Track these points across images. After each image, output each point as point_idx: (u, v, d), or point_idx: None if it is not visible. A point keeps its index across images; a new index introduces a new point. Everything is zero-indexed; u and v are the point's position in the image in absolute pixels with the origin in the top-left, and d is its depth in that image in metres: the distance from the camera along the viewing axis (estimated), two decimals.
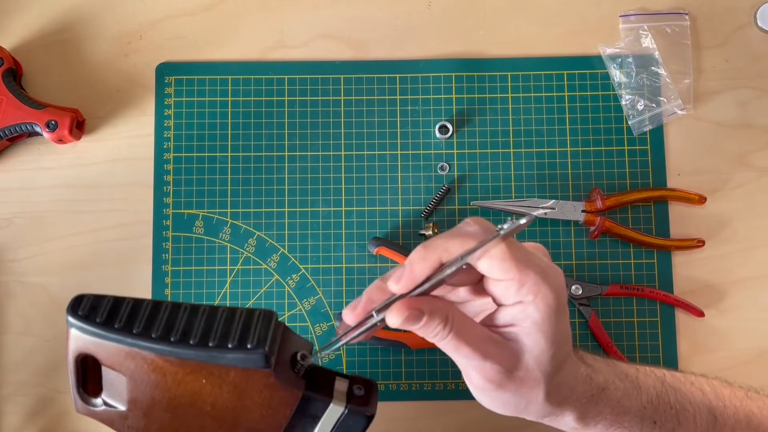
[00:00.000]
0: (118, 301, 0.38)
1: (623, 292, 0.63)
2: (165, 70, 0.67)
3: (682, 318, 0.63)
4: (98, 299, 0.38)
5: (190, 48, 0.68)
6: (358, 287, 0.64)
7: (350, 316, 0.40)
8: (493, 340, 0.39)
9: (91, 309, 0.38)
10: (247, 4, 0.68)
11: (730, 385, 0.49)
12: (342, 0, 0.68)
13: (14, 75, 0.65)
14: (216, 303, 0.64)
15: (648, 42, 0.66)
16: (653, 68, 0.66)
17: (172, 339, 0.37)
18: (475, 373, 0.39)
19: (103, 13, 0.68)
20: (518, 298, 0.38)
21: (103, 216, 0.65)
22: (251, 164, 0.66)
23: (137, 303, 0.38)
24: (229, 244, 0.65)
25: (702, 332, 0.63)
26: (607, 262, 0.64)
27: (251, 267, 0.65)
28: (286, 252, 0.65)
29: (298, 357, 0.40)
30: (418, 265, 0.37)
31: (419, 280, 0.38)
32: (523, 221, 0.35)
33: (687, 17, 0.67)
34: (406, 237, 0.65)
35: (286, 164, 0.66)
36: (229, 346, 0.37)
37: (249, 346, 0.37)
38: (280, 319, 0.40)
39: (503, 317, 0.39)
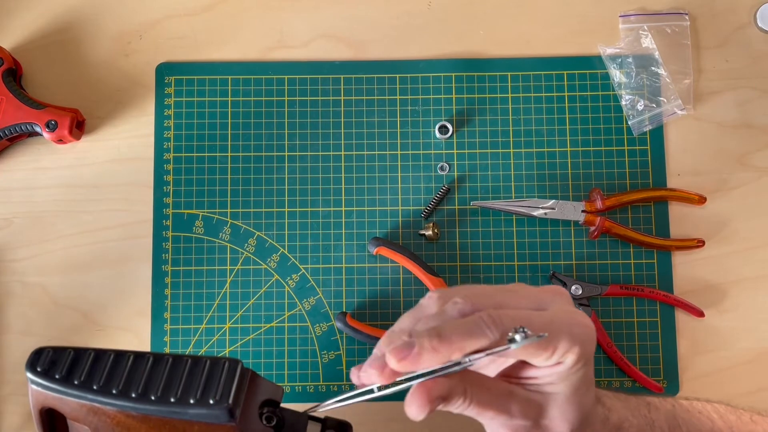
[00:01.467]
0: (78, 354, 0.37)
1: (623, 292, 0.63)
2: (165, 70, 0.67)
3: (682, 318, 0.63)
4: (58, 353, 0.37)
5: (190, 48, 0.68)
6: (358, 287, 0.64)
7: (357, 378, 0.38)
8: (515, 395, 0.38)
9: (50, 364, 0.37)
10: (247, 4, 0.68)
11: (734, 410, 0.48)
12: (342, 0, 0.68)
13: (14, 75, 0.65)
14: (216, 303, 0.64)
15: (648, 42, 0.66)
16: (653, 68, 0.66)
17: (132, 395, 0.36)
18: (503, 430, 0.38)
19: (103, 13, 0.68)
20: (547, 363, 0.36)
21: (103, 216, 0.65)
22: (251, 164, 0.66)
23: (99, 355, 0.38)
24: (229, 244, 0.65)
25: (702, 332, 0.63)
26: (607, 262, 0.64)
27: (251, 267, 0.65)
28: (286, 252, 0.65)
29: (265, 409, 0.39)
30: (426, 361, 0.34)
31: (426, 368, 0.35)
32: (535, 339, 0.33)
33: (687, 17, 0.67)
34: (406, 237, 0.65)
35: (286, 164, 0.66)
36: (191, 401, 0.36)
37: (211, 401, 0.36)
38: (253, 366, 0.39)
39: (526, 372, 0.38)
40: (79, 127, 0.65)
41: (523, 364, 0.38)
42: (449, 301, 0.37)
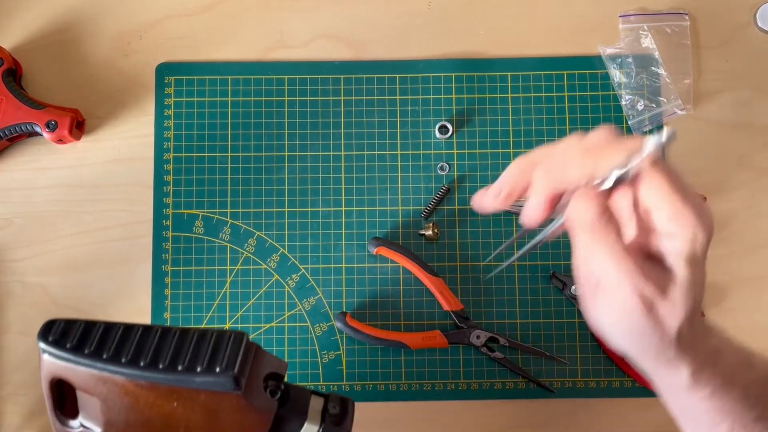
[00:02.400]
0: (89, 326, 0.39)
1: None
2: (165, 70, 0.67)
3: None
4: (69, 324, 0.38)
5: (190, 48, 0.68)
6: (358, 287, 0.64)
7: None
8: (652, 261, 0.38)
9: (62, 334, 0.38)
10: (247, 4, 0.68)
11: None
12: (342, 0, 0.68)
13: (14, 75, 0.65)
14: (216, 303, 0.64)
15: (648, 42, 0.66)
16: (653, 68, 0.66)
17: (141, 363, 0.37)
18: (632, 292, 0.37)
19: (103, 13, 0.68)
20: (673, 230, 0.38)
21: (103, 216, 0.65)
22: (251, 164, 0.66)
23: (108, 327, 0.39)
24: (229, 244, 0.65)
25: None
26: None
27: (251, 267, 0.65)
28: (286, 252, 0.65)
29: (270, 382, 0.40)
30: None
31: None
32: (665, 135, 0.35)
33: (687, 17, 0.67)
34: (406, 237, 0.65)
35: (286, 164, 0.66)
36: (198, 369, 0.37)
37: (218, 369, 0.37)
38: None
39: (655, 244, 0.38)
40: (79, 127, 0.65)
41: (652, 236, 0.39)
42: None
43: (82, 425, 0.41)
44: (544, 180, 0.40)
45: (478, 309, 0.64)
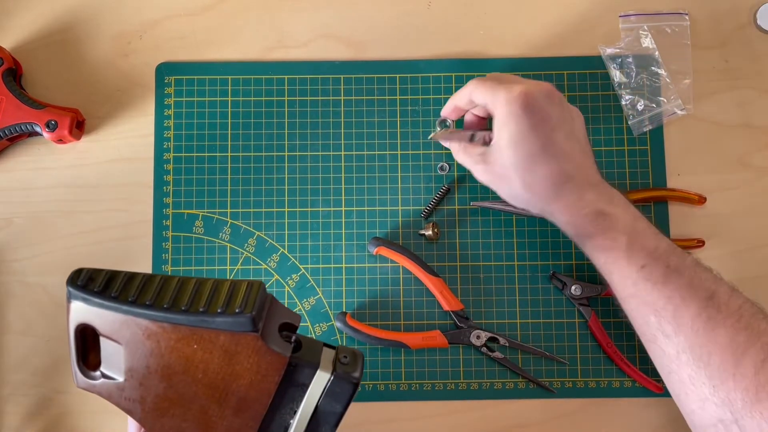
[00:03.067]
0: (114, 274, 0.41)
1: None
2: (165, 70, 0.67)
3: None
4: (96, 272, 0.40)
5: (190, 48, 0.68)
6: (358, 287, 0.64)
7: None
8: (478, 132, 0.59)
9: (89, 280, 0.40)
10: (247, 4, 0.68)
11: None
12: (342, 0, 0.68)
13: (14, 75, 0.65)
14: None
15: (648, 42, 0.66)
16: (653, 68, 0.66)
17: (164, 306, 0.40)
18: (468, 159, 0.58)
19: (103, 13, 0.68)
20: (480, 102, 0.56)
21: (103, 216, 0.65)
22: (251, 164, 0.66)
23: (132, 275, 0.41)
24: (229, 244, 0.65)
25: None
26: None
27: (251, 267, 0.65)
28: (285, 252, 0.65)
29: (284, 333, 0.42)
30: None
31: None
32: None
33: (687, 17, 0.67)
34: (406, 237, 0.65)
35: (286, 164, 0.66)
36: (218, 310, 0.39)
37: (237, 310, 0.39)
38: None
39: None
40: (79, 127, 0.65)
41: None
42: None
43: (103, 375, 0.42)
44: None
45: (478, 309, 0.64)
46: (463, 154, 0.59)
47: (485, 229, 0.65)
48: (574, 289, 0.63)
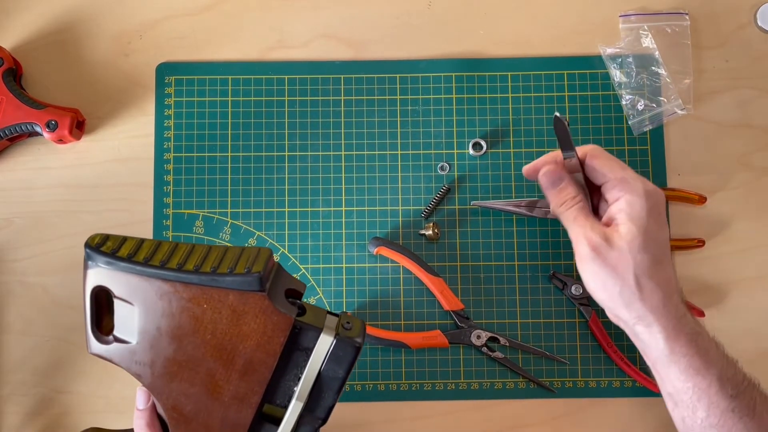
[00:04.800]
0: (128, 238, 0.43)
1: None
2: (165, 70, 0.67)
3: None
4: (111, 236, 0.43)
5: (190, 48, 0.68)
6: (358, 287, 0.64)
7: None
8: (599, 221, 0.52)
9: (104, 242, 0.42)
10: (247, 4, 0.68)
11: None
12: (342, 0, 0.68)
13: (14, 75, 0.65)
14: None
15: (648, 42, 0.66)
16: (653, 68, 0.66)
17: (176, 265, 0.42)
18: (583, 239, 0.50)
19: (103, 13, 0.68)
20: (617, 194, 0.51)
21: (103, 216, 0.65)
22: (251, 164, 0.66)
23: (144, 240, 0.43)
24: (229, 245, 0.65)
25: None
26: None
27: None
28: (286, 252, 0.65)
29: (289, 299, 0.44)
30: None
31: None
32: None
33: (687, 17, 0.67)
34: (406, 237, 0.65)
35: (286, 164, 0.66)
36: (228, 270, 0.41)
37: (246, 270, 0.41)
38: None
39: (607, 211, 0.52)
40: (79, 127, 0.65)
41: (605, 205, 0.53)
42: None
43: (116, 339, 0.44)
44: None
45: (478, 309, 0.64)
46: (578, 217, 0.52)
47: (485, 229, 0.65)
48: (575, 289, 0.63)
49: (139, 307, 0.42)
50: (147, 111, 0.67)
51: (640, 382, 0.62)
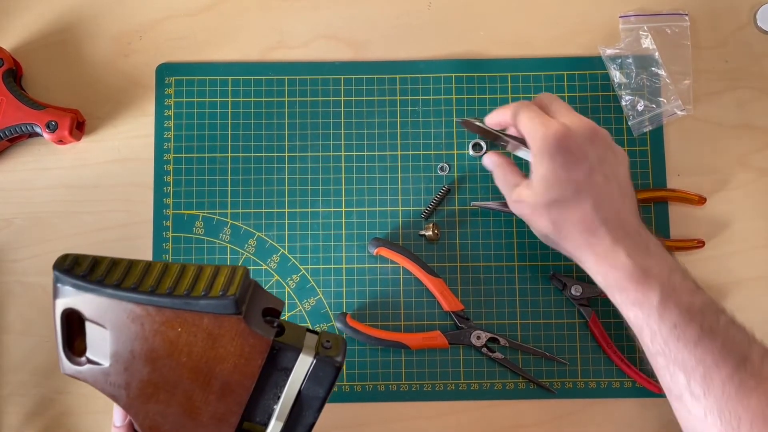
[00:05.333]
0: (99, 259, 0.42)
1: None
2: (165, 70, 0.67)
3: None
4: (81, 257, 0.41)
5: (190, 48, 0.68)
6: (358, 287, 0.64)
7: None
8: (523, 178, 0.56)
9: (74, 264, 0.41)
10: (247, 4, 0.68)
11: None
12: (342, 0, 0.68)
13: (14, 75, 0.65)
14: None
15: (648, 42, 0.66)
16: (653, 69, 0.66)
17: (149, 289, 0.40)
18: (510, 200, 0.57)
19: (103, 13, 0.68)
20: (529, 145, 0.54)
21: (103, 216, 0.65)
22: (251, 164, 0.66)
23: (117, 260, 0.42)
24: (229, 245, 0.65)
25: None
26: None
27: (251, 267, 0.65)
28: (286, 252, 0.65)
29: (267, 317, 0.43)
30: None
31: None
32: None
33: (687, 18, 0.67)
34: (406, 237, 0.65)
35: (286, 164, 0.66)
36: (202, 293, 0.40)
37: (221, 292, 0.40)
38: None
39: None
40: (79, 127, 0.65)
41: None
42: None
43: (88, 360, 0.42)
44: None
45: (478, 309, 0.64)
46: (502, 180, 0.58)
47: (485, 230, 0.65)
48: (574, 290, 0.63)
49: (111, 330, 0.41)
50: (147, 111, 0.67)
51: (640, 383, 0.62)
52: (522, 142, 0.57)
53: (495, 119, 0.59)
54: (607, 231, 0.51)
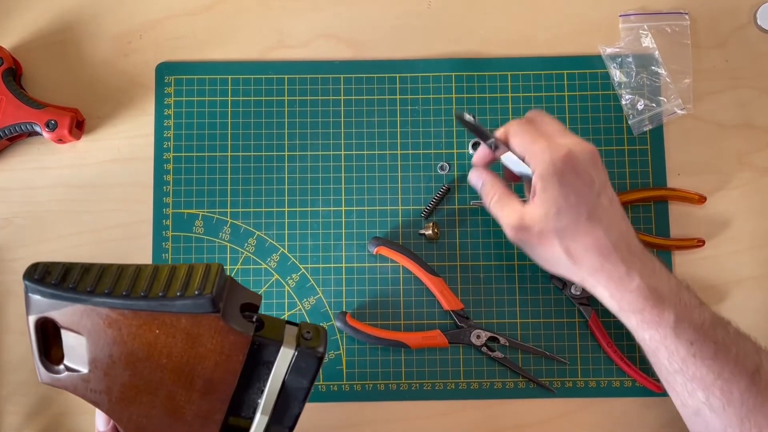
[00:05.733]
0: (69, 266, 0.41)
1: None
2: (165, 70, 0.67)
3: None
4: (52, 265, 0.40)
5: (190, 48, 0.68)
6: (358, 287, 0.64)
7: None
8: (519, 201, 0.54)
9: (45, 273, 0.40)
10: (247, 4, 0.68)
11: None
12: (342, 0, 0.68)
13: (14, 75, 0.65)
14: None
15: (648, 42, 0.66)
16: (653, 68, 0.66)
17: (123, 292, 0.40)
18: (506, 227, 0.54)
19: (103, 13, 0.68)
20: (532, 168, 0.52)
21: (103, 216, 0.65)
22: (251, 164, 0.66)
23: (88, 267, 0.41)
24: (229, 244, 0.65)
25: None
26: None
27: (251, 267, 0.64)
28: (286, 252, 0.65)
29: (246, 312, 0.42)
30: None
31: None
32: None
33: (687, 17, 0.67)
34: (406, 237, 0.65)
35: (286, 164, 0.66)
36: (177, 294, 0.40)
37: (196, 292, 0.39)
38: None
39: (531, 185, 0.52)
40: (79, 126, 0.65)
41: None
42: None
43: (67, 368, 0.42)
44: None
45: (478, 309, 0.64)
46: (497, 206, 0.55)
47: (485, 229, 0.65)
48: (574, 289, 0.63)
49: (87, 336, 0.41)
50: (147, 111, 0.67)
51: (640, 382, 0.62)
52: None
53: (480, 156, 0.57)
54: (619, 255, 0.51)
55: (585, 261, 0.51)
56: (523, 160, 0.53)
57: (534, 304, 0.64)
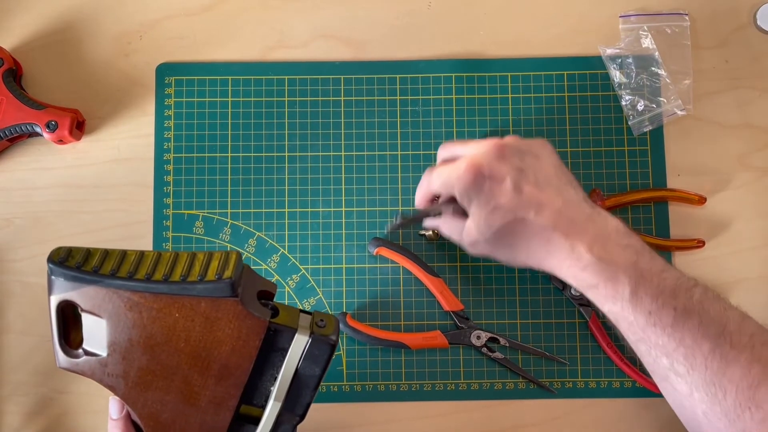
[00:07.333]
0: (92, 250, 0.42)
1: None
2: (165, 70, 0.67)
3: None
4: (74, 249, 0.41)
5: (190, 48, 0.68)
6: (358, 287, 0.64)
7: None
8: (463, 220, 0.55)
9: (68, 256, 0.41)
10: (247, 4, 0.68)
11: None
12: (342, 0, 0.68)
13: (14, 75, 0.65)
14: None
15: (648, 42, 0.66)
16: (653, 69, 0.66)
17: (145, 276, 0.41)
18: (462, 243, 0.56)
19: (103, 13, 0.68)
20: (449, 190, 0.54)
21: (103, 216, 0.65)
22: (251, 164, 0.66)
23: (109, 251, 0.42)
24: (229, 245, 0.65)
25: None
26: None
27: (252, 267, 0.64)
28: (286, 252, 0.65)
29: (261, 300, 0.43)
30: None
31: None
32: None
33: (687, 17, 0.67)
34: (406, 237, 0.65)
35: (286, 164, 0.66)
36: (198, 278, 0.41)
37: (216, 276, 0.40)
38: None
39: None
40: (79, 127, 0.65)
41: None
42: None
43: (85, 352, 0.43)
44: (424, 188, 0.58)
45: (478, 309, 0.64)
46: (447, 230, 0.57)
47: None
48: (574, 290, 0.63)
49: (108, 319, 0.41)
50: (147, 111, 0.67)
51: (640, 382, 0.62)
52: (452, 200, 0.55)
53: (421, 197, 0.59)
54: (561, 234, 0.50)
55: (529, 252, 0.53)
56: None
57: (534, 305, 0.64)
